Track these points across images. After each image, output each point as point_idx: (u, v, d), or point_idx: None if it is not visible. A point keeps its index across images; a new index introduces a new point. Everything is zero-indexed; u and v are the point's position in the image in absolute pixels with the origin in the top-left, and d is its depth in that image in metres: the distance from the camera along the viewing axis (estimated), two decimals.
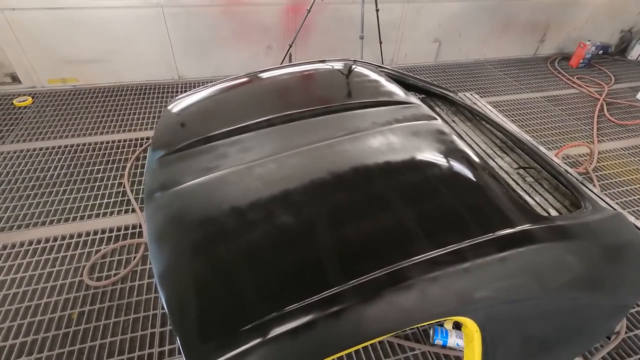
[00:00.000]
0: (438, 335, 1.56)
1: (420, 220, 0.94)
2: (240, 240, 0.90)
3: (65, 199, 2.19)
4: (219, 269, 0.87)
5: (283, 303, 0.79)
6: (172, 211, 1.01)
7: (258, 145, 1.20)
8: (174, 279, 0.87)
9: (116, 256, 1.88)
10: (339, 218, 0.94)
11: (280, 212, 0.94)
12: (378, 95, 1.49)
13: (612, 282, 1.11)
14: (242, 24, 3.39)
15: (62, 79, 3.28)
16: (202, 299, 0.83)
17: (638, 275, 1.16)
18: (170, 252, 0.92)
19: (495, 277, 0.89)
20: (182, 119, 1.44)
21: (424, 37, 4.03)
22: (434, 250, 0.87)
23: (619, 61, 4.65)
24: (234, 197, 1.00)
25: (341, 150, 1.13)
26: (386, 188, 1.02)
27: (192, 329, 0.80)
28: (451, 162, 1.16)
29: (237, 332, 0.77)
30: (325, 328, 0.78)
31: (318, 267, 0.85)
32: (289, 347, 0.77)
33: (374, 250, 0.87)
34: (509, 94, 3.69)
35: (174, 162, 1.19)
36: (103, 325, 1.59)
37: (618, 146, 2.99)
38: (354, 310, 0.79)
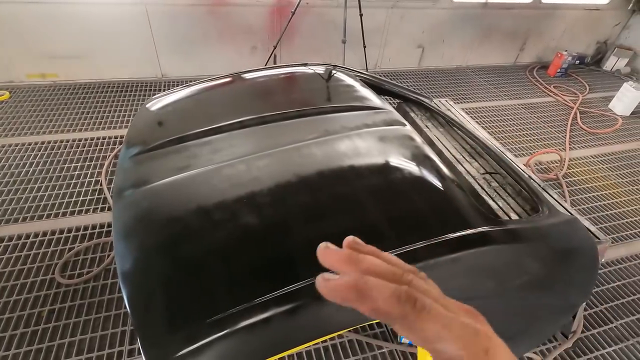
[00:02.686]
0: None
1: (380, 222, 0.98)
2: (205, 238, 0.93)
3: (40, 195, 2.17)
4: (183, 266, 0.89)
5: (246, 298, 0.82)
6: (140, 209, 1.02)
7: (229, 146, 1.22)
8: (138, 275, 0.89)
9: (90, 254, 1.87)
10: (302, 218, 0.97)
11: (246, 212, 0.97)
12: (351, 100, 1.54)
13: (562, 283, 1.17)
14: (227, 24, 3.40)
15: (42, 74, 3.23)
16: (165, 295, 0.86)
17: (586, 276, 1.23)
18: (135, 250, 0.94)
19: (448, 276, 0.94)
20: (157, 118, 1.46)
21: (408, 43, 4.11)
22: (390, 251, 0.91)
23: (594, 71, 4.82)
24: (201, 197, 1.03)
25: (309, 153, 1.17)
26: (349, 191, 1.06)
27: (151, 325, 0.82)
28: (415, 167, 1.20)
29: (199, 327, 0.80)
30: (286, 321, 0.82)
31: (280, 264, 0.88)
32: (250, 341, 0.80)
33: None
34: (489, 101, 3.79)
35: (146, 161, 1.20)
36: (73, 323, 1.59)
37: (588, 154, 3.11)
38: (313, 305, 0.83)
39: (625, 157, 3.12)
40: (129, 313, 0.85)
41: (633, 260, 2.18)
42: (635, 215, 2.51)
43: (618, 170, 2.95)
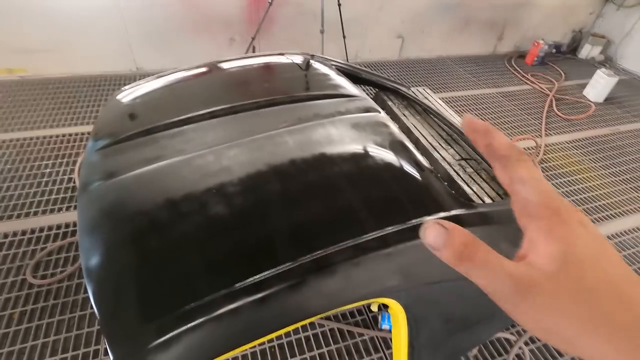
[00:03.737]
0: (385, 321, 1.62)
1: (355, 207, 0.98)
2: (174, 229, 0.91)
3: (9, 195, 2.09)
4: (151, 258, 0.87)
5: (214, 288, 0.81)
6: (106, 203, 0.99)
7: (199, 136, 1.19)
8: (104, 270, 0.87)
9: (63, 253, 1.82)
10: (273, 207, 0.96)
11: (214, 202, 0.95)
12: (325, 88, 1.52)
13: None
14: (203, 15, 3.32)
15: (9, 69, 3.10)
16: (132, 289, 0.83)
17: None
18: (101, 244, 0.91)
19: (417, 261, 0.94)
20: (126, 109, 1.41)
21: (388, 33, 4.10)
22: (360, 237, 0.91)
23: (570, 59, 4.92)
24: (170, 188, 1.00)
25: (281, 141, 1.15)
26: (321, 178, 1.05)
27: (118, 320, 0.80)
28: (389, 152, 1.20)
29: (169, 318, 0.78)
30: (252, 311, 0.81)
31: (249, 254, 0.87)
32: (219, 331, 0.79)
33: (304, 237, 0.90)
34: (468, 90, 3.83)
35: (113, 153, 1.16)
36: (46, 324, 1.54)
37: (563, 139, 3.19)
38: (284, 292, 0.82)
39: (598, 142, 3.21)
40: (95, 310, 0.82)
41: None
42: (607, 198, 2.59)
43: (591, 155, 3.03)
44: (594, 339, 0.23)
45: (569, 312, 0.23)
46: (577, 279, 0.23)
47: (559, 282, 0.23)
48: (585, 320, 0.23)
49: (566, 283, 0.23)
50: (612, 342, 0.22)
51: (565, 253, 0.24)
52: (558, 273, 0.24)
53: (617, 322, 0.23)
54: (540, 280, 0.24)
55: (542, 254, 0.25)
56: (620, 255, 0.25)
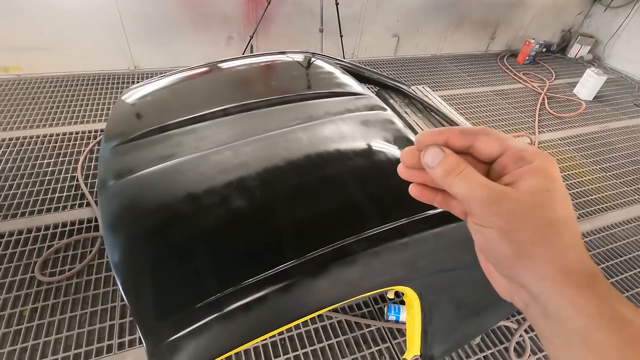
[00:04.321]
0: (391, 312, 1.67)
1: (366, 202, 1.02)
2: (195, 223, 0.94)
3: (12, 194, 2.08)
4: (174, 252, 0.90)
5: (236, 280, 0.84)
6: (127, 199, 1.02)
7: (213, 134, 1.22)
8: (129, 264, 0.90)
9: (70, 251, 1.83)
10: (291, 201, 1.00)
11: (234, 197, 0.98)
12: (332, 86, 1.56)
13: None
14: (201, 13, 3.33)
15: (4, 67, 3.06)
16: (158, 281, 0.87)
17: None
18: (125, 239, 0.94)
19: (430, 250, 0.99)
20: (136, 109, 1.43)
21: (384, 32, 4.16)
22: (376, 228, 0.95)
23: (559, 58, 5.04)
24: (188, 183, 1.03)
25: (294, 138, 1.19)
26: (335, 173, 1.09)
27: (148, 310, 0.83)
28: (397, 149, 1.25)
29: (192, 310, 0.81)
30: (277, 301, 0.85)
31: (270, 246, 0.91)
32: (243, 320, 0.83)
33: (322, 229, 0.94)
34: (463, 88, 3.91)
35: (129, 151, 1.19)
36: (58, 321, 1.56)
37: (556, 136, 3.29)
38: (304, 283, 0.86)
39: (589, 139, 3.32)
40: (126, 301, 0.85)
41: (597, 234, 2.35)
42: (598, 192, 2.69)
43: (582, 152, 3.13)
44: (543, 247, 0.27)
45: (530, 220, 0.27)
46: (545, 202, 0.28)
47: (531, 199, 0.28)
48: (541, 228, 0.27)
49: (536, 201, 0.28)
50: (560, 252, 0.27)
51: (545, 186, 0.28)
52: (533, 194, 0.28)
53: (566, 242, 0.27)
54: (514, 194, 0.28)
55: (526, 182, 0.29)
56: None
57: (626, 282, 2.06)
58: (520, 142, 0.31)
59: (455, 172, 0.31)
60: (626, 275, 2.09)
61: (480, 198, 0.29)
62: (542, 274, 0.27)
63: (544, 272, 0.27)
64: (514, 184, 0.29)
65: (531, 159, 0.30)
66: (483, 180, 0.30)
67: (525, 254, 0.27)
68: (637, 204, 2.62)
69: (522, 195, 0.28)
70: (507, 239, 0.28)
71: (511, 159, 0.31)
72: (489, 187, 0.29)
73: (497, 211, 0.28)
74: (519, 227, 0.27)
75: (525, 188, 0.28)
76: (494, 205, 0.28)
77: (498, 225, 0.28)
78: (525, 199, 0.28)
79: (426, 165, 0.33)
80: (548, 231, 0.27)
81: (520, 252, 0.28)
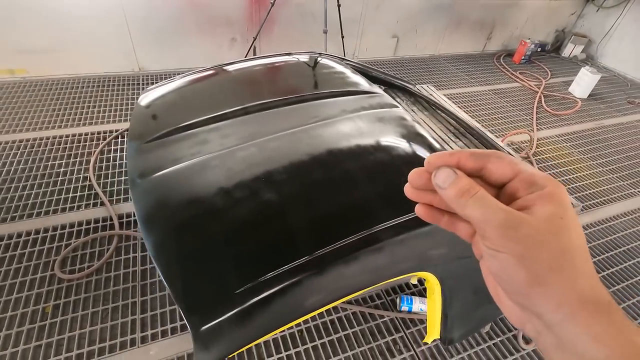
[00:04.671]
0: (404, 303, 1.73)
1: (387, 194, 1.08)
2: (229, 215, 0.99)
3: (27, 194, 2.11)
4: (211, 242, 0.95)
5: (272, 266, 0.90)
6: (161, 194, 1.07)
7: (236, 131, 1.27)
8: (169, 254, 0.94)
9: (88, 249, 1.86)
10: (319, 193, 1.06)
11: (264, 190, 1.04)
12: (345, 85, 1.62)
13: None
14: (205, 16, 3.37)
15: (9, 70, 3.08)
16: (198, 269, 0.91)
17: None
18: (163, 231, 0.98)
19: (451, 238, 1.05)
20: (158, 109, 1.48)
21: (383, 33, 4.23)
22: (400, 217, 1.01)
23: (554, 58, 5.16)
24: (219, 178, 1.08)
25: (315, 134, 1.24)
26: (356, 167, 1.15)
27: (191, 296, 0.88)
28: (411, 144, 1.31)
29: (233, 295, 0.86)
30: (311, 285, 0.90)
31: (301, 235, 0.96)
32: (280, 304, 0.88)
33: (350, 219, 1.00)
34: (461, 87, 3.99)
35: (155, 149, 1.23)
36: (80, 316, 1.59)
37: (553, 133, 3.38)
38: (336, 269, 0.92)
39: (585, 136, 3.42)
40: (168, 289, 0.90)
41: (596, 226, 2.43)
42: (596, 186, 2.78)
43: (579, 148, 3.22)
44: (560, 275, 0.27)
45: (546, 247, 0.27)
46: (560, 229, 0.28)
47: (547, 226, 0.28)
48: (557, 256, 0.27)
49: (552, 228, 0.28)
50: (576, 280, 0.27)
51: (558, 213, 0.28)
52: (549, 220, 0.28)
53: (581, 270, 0.27)
54: (531, 220, 0.28)
55: (540, 208, 0.28)
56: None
57: (625, 272, 2.14)
58: (531, 167, 0.32)
59: (469, 193, 0.30)
60: (625, 265, 2.17)
61: (496, 222, 0.28)
62: (559, 302, 0.26)
63: (561, 300, 0.26)
64: (528, 209, 0.29)
65: (543, 185, 0.29)
66: (498, 204, 0.29)
67: (542, 282, 0.27)
68: (633, 197, 2.71)
69: (538, 221, 0.28)
70: (524, 265, 0.27)
71: (523, 183, 0.31)
72: (505, 210, 0.29)
73: (515, 236, 0.28)
74: (536, 254, 0.27)
75: (540, 214, 0.28)
76: (511, 230, 0.28)
77: (515, 251, 0.28)
78: (541, 225, 0.28)
79: (437, 186, 0.33)
80: (564, 259, 0.27)
81: (537, 280, 0.27)
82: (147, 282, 1.75)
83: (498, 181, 0.33)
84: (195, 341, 0.84)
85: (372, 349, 1.62)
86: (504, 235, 0.28)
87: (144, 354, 1.50)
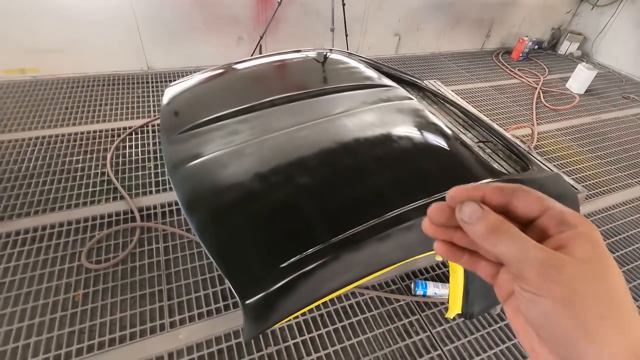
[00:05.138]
0: (419, 287, 1.81)
1: (414, 177, 1.16)
2: (268, 197, 1.06)
3: (47, 189, 2.16)
4: (254, 221, 1.02)
5: (313, 243, 0.97)
6: (202, 179, 1.13)
7: (265, 122, 1.35)
8: (215, 234, 1.01)
9: (112, 240, 1.92)
10: (349, 176, 1.13)
11: (299, 174, 1.11)
12: (362, 79, 1.70)
13: None
14: (213, 15, 3.43)
15: (21, 69, 3.12)
16: (244, 247, 0.99)
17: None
18: (207, 213, 1.05)
19: None
20: (185, 103, 1.54)
21: (386, 31, 4.32)
22: (426, 198, 1.09)
23: (550, 55, 5.28)
24: (255, 163, 1.15)
25: (341, 124, 1.32)
26: (383, 153, 1.22)
27: (239, 272, 0.95)
28: (431, 132, 1.39)
29: (278, 269, 0.93)
30: (347, 260, 0.97)
31: (336, 214, 1.04)
32: (322, 277, 0.95)
33: (381, 199, 1.08)
34: (462, 84, 4.09)
35: (190, 139, 1.30)
36: (110, 304, 1.65)
37: (553, 128, 3.48)
38: (370, 245, 0.99)
39: (583, 130, 3.52)
40: (214, 263, 0.97)
41: (598, 215, 2.53)
42: (596, 177, 2.88)
43: (578, 141, 3.33)
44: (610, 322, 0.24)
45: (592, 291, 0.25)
46: (602, 272, 0.25)
47: (589, 268, 0.25)
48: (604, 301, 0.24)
49: (594, 270, 0.25)
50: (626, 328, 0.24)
51: (598, 255, 0.26)
52: (590, 262, 0.26)
53: (629, 316, 0.25)
54: (572, 261, 0.26)
55: (578, 249, 0.26)
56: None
57: (626, 257, 2.24)
58: (558, 203, 0.29)
59: (501, 230, 0.28)
60: (625, 251, 2.27)
61: (536, 261, 0.26)
62: (611, 354, 0.24)
63: (613, 352, 0.24)
64: (563, 249, 0.27)
65: (574, 224, 0.27)
66: (534, 242, 0.27)
67: (591, 331, 0.24)
68: (631, 187, 2.82)
69: (580, 263, 0.26)
70: (569, 311, 0.25)
71: (552, 221, 0.28)
72: (544, 249, 0.27)
73: (558, 278, 0.25)
74: (583, 298, 0.25)
75: (580, 255, 0.26)
76: (553, 270, 0.25)
77: (558, 295, 0.25)
78: (583, 267, 0.25)
79: (462, 222, 0.30)
80: (612, 304, 0.25)
81: (586, 328, 0.24)
82: (171, 271, 1.81)
83: (524, 217, 0.30)
84: (245, 312, 0.91)
85: (390, 330, 1.69)
86: (546, 276, 0.26)
87: (173, 337, 1.57)
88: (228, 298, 1.73)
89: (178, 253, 1.90)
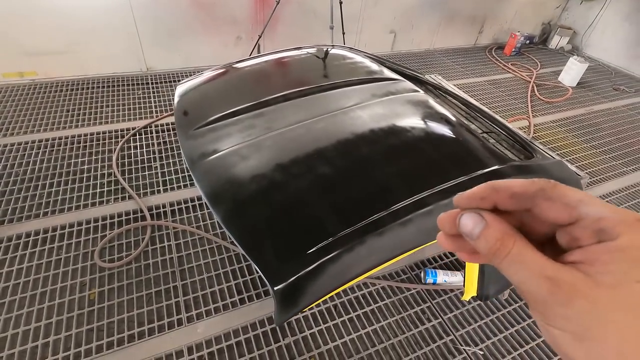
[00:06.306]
0: (429, 276, 1.85)
1: (430, 163, 1.20)
2: (291, 186, 1.09)
3: (55, 191, 2.16)
4: (279, 210, 1.05)
5: (337, 229, 1.00)
6: (224, 172, 1.16)
7: (281, 116, 1.38)
8: (242, 223, 1.04)
9: (123, 239, 1.93)
10: (366, 165, 1.16)
11: (319, 164, 1.14)
12: (370, 73, 1.74)
13: None
14: (211, 15, 3.44)
15: (19, 72, 3.10)
16: (271, 235, 1.02)
17: None
18: (232, 204, 1.08)
19: None
20: (199, 99, 1.56)
21: (381, 29, 4.37)
22: (443, 184, 1.13)
23: (542, 49, 5.38)
24: (275, 155, 1.18)
25: (355, 116, 1.35)
26: (398, 142, 1.26)
27: (268, 258, 0.98)
28: (441, 122, 1.43)
29: (306, 254, 0.97)
30: (371, 245, 1.01)
31: (358, 202, 1.07)
32: (347, 261, 0.99)
33: (400, 186, 1.11)
34: (458, 79, 4.16)
35: (208, 133, 1.33)
36: (126, 301, 1.67)
37: (548, 119, 3.56)
38: (393, 228, 1.03)
39: (577, 121, 3.61)
40: (242, 252, 1.00)
41: None
42: (592, 166, 2.96)
43: (573, 132, 3.41)
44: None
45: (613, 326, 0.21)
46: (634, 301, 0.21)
47: (615, 296, 0.21)
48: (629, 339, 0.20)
49: (622, 299, 0.21)
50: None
51: (634, 276, 0.21)
52: (618, 288, 0.21)
53: None
54: (589, 289, 0.21)
55: (608, 268, 0.22)
56: None
57: None
58: (597, 203, 0.24)
59: (502, 250, 0.25)
60: None
61: (539, 296, 0.23)
62: None
63: None
64: (590, 266, 0.22)
65: (615, 234, 0.22)
66: (541, 265, 0.23)
67: None
68: (626, 175, 2.91)
69: (601, 288, 0.21)
70: (583, 347, 0.22)
71: (586, 231, 0.24)
72: (550, 278, 0.23)
73: (565, 314, 0.22)
74: (599, 335, 0.21)
75: (606, 279, 0.21)
76: (558, 307, 0.22)
77: (569, 330, 0.22)
78: (605, 296, 0.21)
79: (465, 236, 0.27)
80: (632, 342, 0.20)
81: None
82: (184, 268, 1.83)
83: (550, 226, 0.26)
84: (275, 297, 0.94)
85: (403, 318, 1.73)
86: (552, 312, 0.22)
87: (191, 331, 1.59)
88: (243, 292, 1.75)
89: (190, 250, 1.92)
